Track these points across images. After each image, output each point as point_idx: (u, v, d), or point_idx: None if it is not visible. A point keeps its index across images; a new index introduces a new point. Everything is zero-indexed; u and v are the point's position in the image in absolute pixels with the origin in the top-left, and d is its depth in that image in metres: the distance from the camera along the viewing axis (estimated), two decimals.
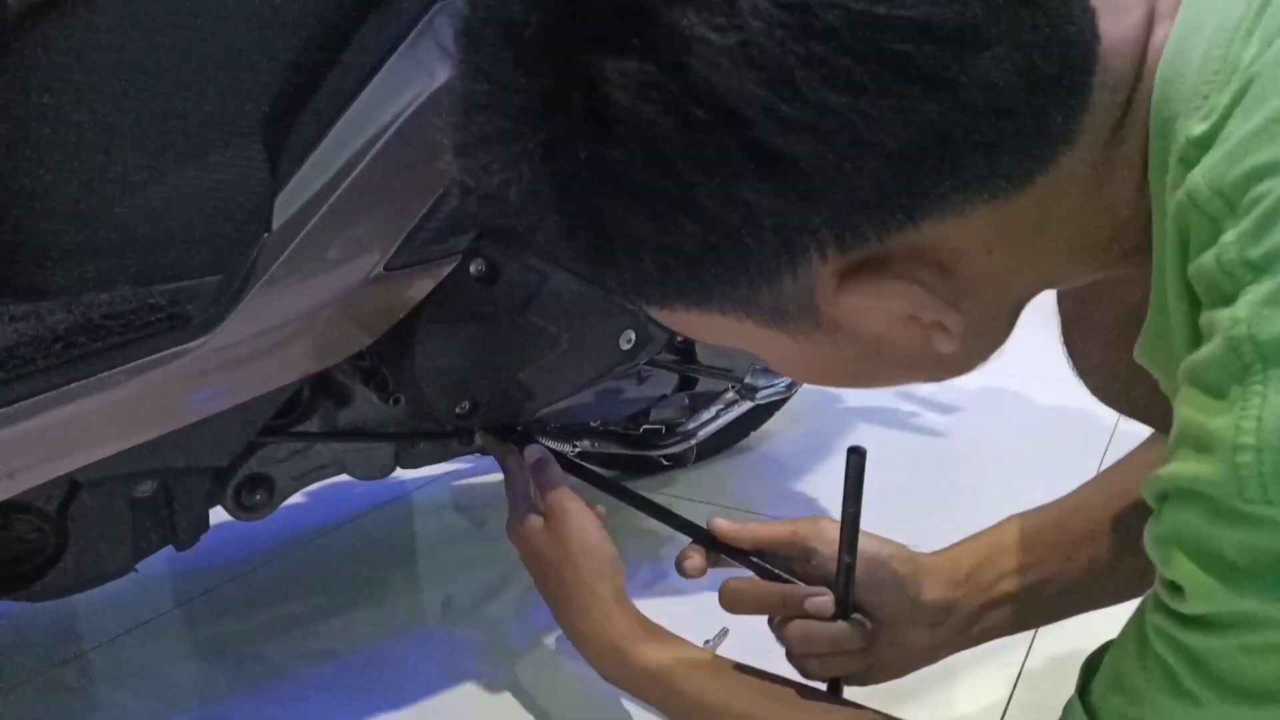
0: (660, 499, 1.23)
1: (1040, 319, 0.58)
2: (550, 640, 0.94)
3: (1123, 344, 0.62)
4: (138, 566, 0.81)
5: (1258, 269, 0.36)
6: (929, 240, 0.42)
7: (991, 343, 0.50)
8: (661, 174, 0.39)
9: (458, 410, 0.88)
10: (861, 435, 1.48)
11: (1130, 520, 0.73)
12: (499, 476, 1.35)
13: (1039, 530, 0.74)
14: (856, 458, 0.66)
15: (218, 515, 0.87)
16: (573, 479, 0.81)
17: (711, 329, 0.47)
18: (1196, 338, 0.39)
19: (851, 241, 0.41)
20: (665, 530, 0.81)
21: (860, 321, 0.44)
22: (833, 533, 0.70)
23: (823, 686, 0.70)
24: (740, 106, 0.37)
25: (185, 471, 0.80)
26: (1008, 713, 0.81)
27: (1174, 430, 0.39)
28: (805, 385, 1.22)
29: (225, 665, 0.93)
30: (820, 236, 0.40)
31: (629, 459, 1.25)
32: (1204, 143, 0.39)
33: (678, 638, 0.72)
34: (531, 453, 0.84)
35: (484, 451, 1.04)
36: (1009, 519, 0.76)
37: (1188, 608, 0.39)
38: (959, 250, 0.43)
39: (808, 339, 0.46)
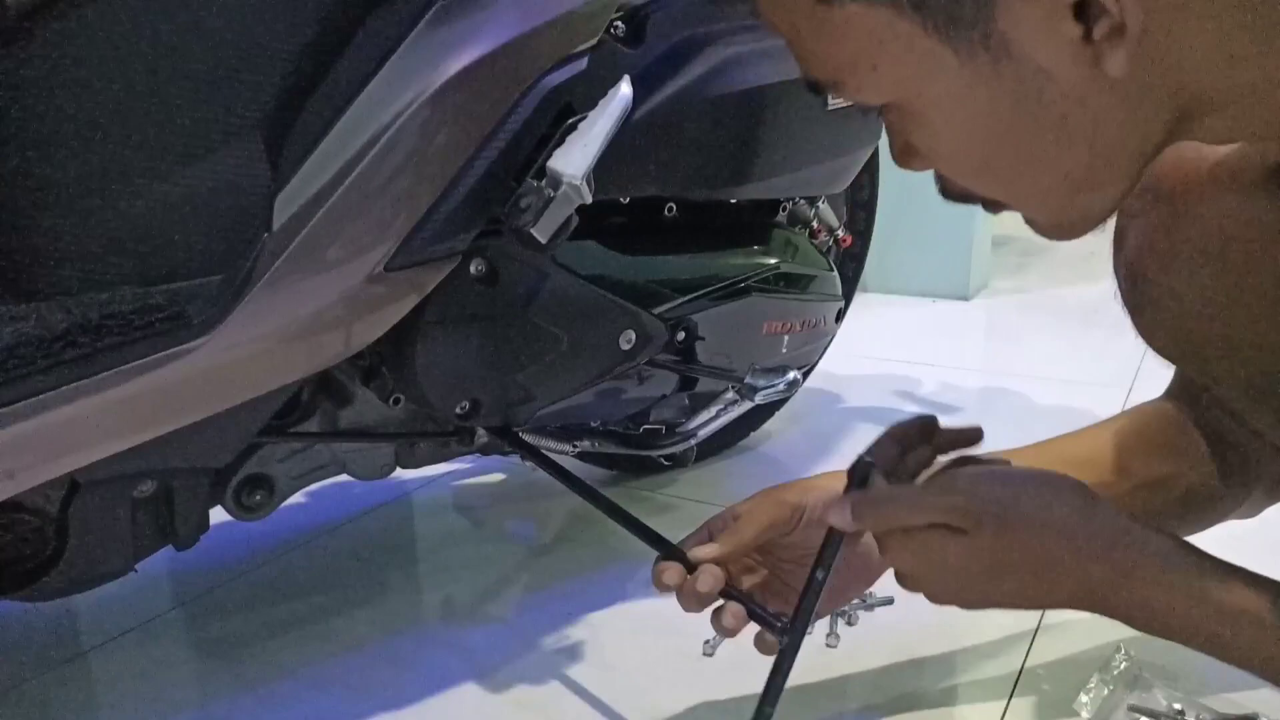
0: (660, 499, 1.24)
1: (1042, 322, 0.58)
2: (550, 640, 0.94)
3: (1208, 273, 0.61)
4: (138, 566, 0.81)
5: None
6: None
7: (1127, 160, 0.49)
8: None
9: (458, 410, 0.88)
10: (862, 435, 1.47)
11: None
12: (499, 476, 1.36)
13: None
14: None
15: (218, 515, 0.87)
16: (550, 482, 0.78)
17: (872, 48, 0.46)
18: None
19: None
20: (668, 527, 0.81)
21: (1031, 41, 0.44)
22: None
23: None
24: None
25: (185, 471, 0.79)
26: (1008, 712, 0.81)
27: None
28: (804, 386, 1.22)
29: (225, 665, 0.93)
30: None
31: (629, 459, 1.25)
32: None
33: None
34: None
35: (484, 451, 1.04)
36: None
37: None
38: None
39: (972, 65, 0.45)
